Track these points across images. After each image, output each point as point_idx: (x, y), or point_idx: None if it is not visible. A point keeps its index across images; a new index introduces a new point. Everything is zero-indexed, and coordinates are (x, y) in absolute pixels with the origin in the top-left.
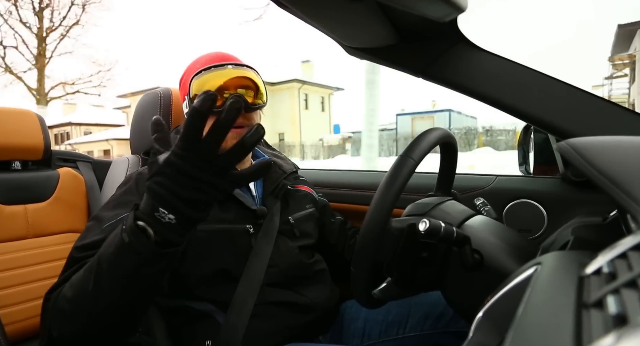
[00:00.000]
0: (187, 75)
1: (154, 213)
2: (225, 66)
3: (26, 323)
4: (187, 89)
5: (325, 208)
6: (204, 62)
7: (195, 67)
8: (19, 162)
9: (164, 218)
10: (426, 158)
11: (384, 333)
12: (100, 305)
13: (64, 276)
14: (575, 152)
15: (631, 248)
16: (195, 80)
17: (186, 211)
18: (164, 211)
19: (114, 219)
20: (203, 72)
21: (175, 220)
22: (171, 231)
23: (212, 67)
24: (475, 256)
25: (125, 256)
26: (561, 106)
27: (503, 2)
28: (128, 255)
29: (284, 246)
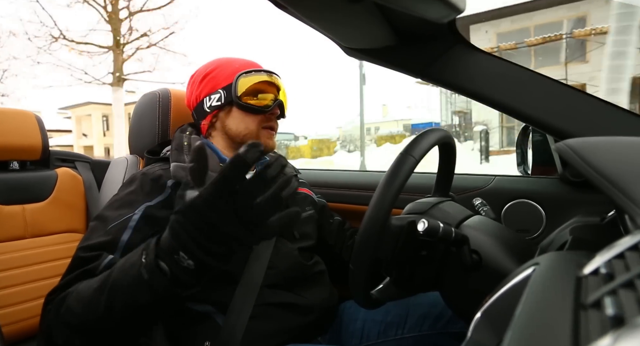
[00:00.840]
0: (221, 70)
1: (174, 255)
2: (272, 74)
3: (24, 324)
4: (220, 84)
5: (324, 208)
6: (244, 64)
7: (233, 65)
8: (17, 162)
9: (183, 262)
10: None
11: (383, 334)
12: (109, 326)
13: (67, 279)
14: (573, 152)
15: (629, 248)
16: (243, 77)
17: (207, 260)
18: (184, 256)
19: (118, 220)
20: (254, 72)
21: (194, 266)
22: (188, 275)
23: (262, 71)
24: (474, 257)
25: (141, 291)
26: (559, 106)
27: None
28: (144, 291)
29: (283, 248)
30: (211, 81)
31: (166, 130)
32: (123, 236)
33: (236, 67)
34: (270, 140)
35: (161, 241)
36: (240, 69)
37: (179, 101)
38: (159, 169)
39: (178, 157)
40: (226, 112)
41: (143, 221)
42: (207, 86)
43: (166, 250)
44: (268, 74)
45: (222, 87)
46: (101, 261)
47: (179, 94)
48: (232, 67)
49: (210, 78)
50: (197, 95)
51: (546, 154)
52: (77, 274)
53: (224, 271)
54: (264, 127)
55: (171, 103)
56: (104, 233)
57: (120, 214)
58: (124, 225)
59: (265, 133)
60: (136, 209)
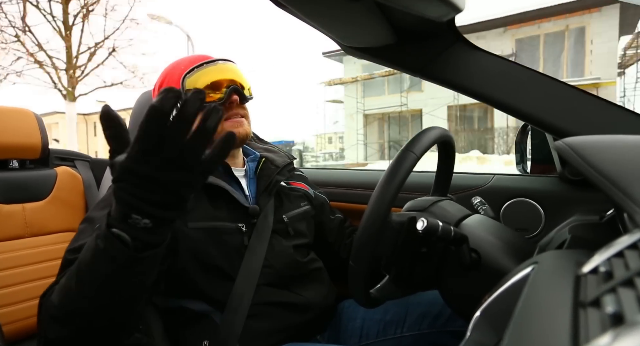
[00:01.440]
0: (169, 77)
1: (127, 219)
2: (216, 62)
3: (24, 323)
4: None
5: (324, 205)
6: (189, 63)
7: (179, 68)
8: (16, 161)
9: (139, 223)
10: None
11: (382, 333)
12: (85, 308)
13: (56, 280)
14: (573, 151)
15: (628, 246)
16: (188, 78)
17: (160, 213)
18: (137, 217)
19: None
20: (196, 69)
21: (151, 223)
22: (149, 234)
23: (203, 64)
24: (473, 255)
25: (101, 262)
26: (558, 105)
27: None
28: (103, 261)
29: (278, 245)
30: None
31: None
32: None
33: (181, 69)
34: (239, 127)
35: (112, 212)
36: (185, 69)
37: None
38: None
39: None
40: None
41: None
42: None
43: (119, 218)
44: (212, 63)
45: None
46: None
47: None
48: (178, 70)
49: (159, 85)
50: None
51: (545, 153)
52: (63, 275)
53: (217, 266)
54: (225, 119)
55: None
56: (90, 234)
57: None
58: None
59: (229, 124)
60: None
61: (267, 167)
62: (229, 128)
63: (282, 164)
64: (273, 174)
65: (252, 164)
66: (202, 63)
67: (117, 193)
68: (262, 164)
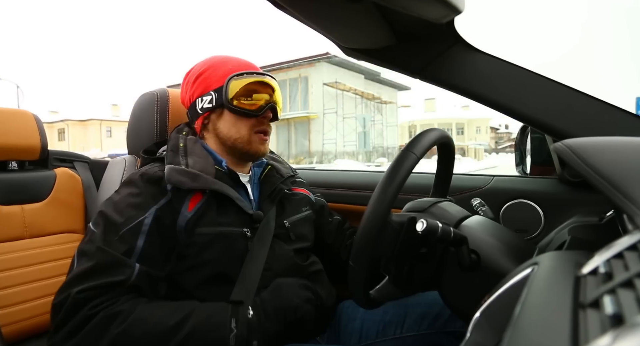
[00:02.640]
0: (213, 71)
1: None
2: (265, 76)
3: (24, 324)
4: (212, 85)
5: (323, 208)
6: (237, 65)
7: (226, 66)
8: (15, 162)
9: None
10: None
11: (382, 333)
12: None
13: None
14: (572, 152)
15: (627, 248)
16: (235, 80)
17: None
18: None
19: (130, 224)
20: (245, 75)
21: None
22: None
23: (254, 74)
24: (472, 256)
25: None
26: (558, 106)
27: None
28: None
29: (279, 249)
30: (203, 81)
31: (164, 130)
32: (138, 242)
33: (229, 68)
34: (262, 146)
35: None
36: (233, 70)
37: (177, 101)
38: (159, 170)
39: (173, 159)
40: (218, 114)
41: (155, 224)
42: (200, 87)
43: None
44: (261, 75)
45: (214, 89)
46: (131, 272)
47: (177, 94)
48: (225, 68)
49: (202, 79)
50: (190, 95)
51: (544, 154)
52: (108, 283)
53: (221, 272)
54: (256, 131)
55: (169, 103)
56: (119, 238)
57: (130, 216)
58: (137, 230)
59: (257, 138)
60: (146, 212)
61: (272, 175)
62: (256, 143)
63: (286, 175)
64: (277, 182)
65: (258, 169)
66: (252, 72)
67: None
68: (267, 171)
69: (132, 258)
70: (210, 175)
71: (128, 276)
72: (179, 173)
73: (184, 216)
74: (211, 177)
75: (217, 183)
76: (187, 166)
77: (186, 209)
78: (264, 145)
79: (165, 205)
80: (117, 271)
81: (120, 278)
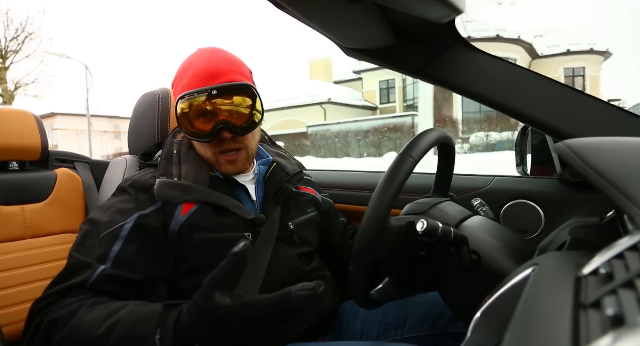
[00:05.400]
0: (177, 82)
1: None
2: (211, 91)
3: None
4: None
5: (330, 210)
6: (192, 77)
7: (183, 79)
8: (16, 162)
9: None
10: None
11: (382, 334)
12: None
13: (55, 290)
14: (573, 152)
15: (628, 248)
16: (181, 103)
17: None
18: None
19: (110, 228)
20: (187, 97)
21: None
22: None
23: (195, 93)
24: (473, 257)
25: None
26: (558, 107)
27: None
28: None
29: (282, 253)
30: (174, 93)
31: (165, 130)
32: (114, 247)
33: (184, 83)
34: (231, 165)
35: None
36: (186, 85)
37: None
38: (150, 178)
39: (166, 169)
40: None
41: (135, 230)
42: (174, 93)
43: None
44: (207, 95)
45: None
46: (91, 274)
47: None
48: (182, 82)
49: (174, 89)
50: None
51: (545, 155)
52: (65, 287)
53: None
54: (219, 152)
55: (171, 103)
56: (97, 242)
57: (112, 221)
58: (116, 234)
59: (222, 159)
60: (128, 217)
61: (277, 173)
62: (223, 164)
63: (292, 172)
64: (282, 180)
65: (263, 167)
66: (192, 92)
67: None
68: (272, 169)
69: (106, 261)
70: (204, 184)
71: (85, 279)
72: (170, 187)
73: (177, 221)
74: (205, 187)
75: (211, 194)
76: (180, 176)
77: (179, 214)
78: (233, 165)
79: (153, 212)
80: (77, 275)
81: (77, 280)
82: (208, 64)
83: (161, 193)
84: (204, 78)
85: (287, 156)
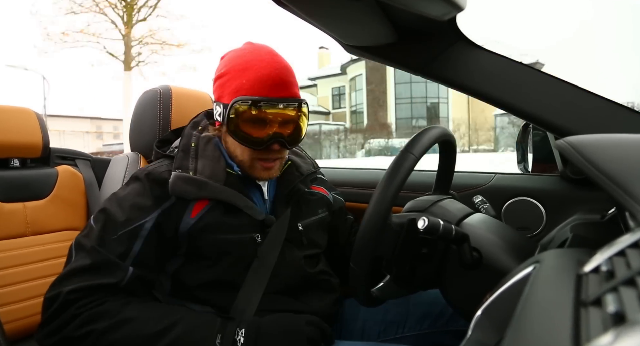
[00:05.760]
0: (228, 81)
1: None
2: (278, 104)
3: (25, 321)
4: (222, 97)
5: (341, 208)
6: (255, 79)
7: (242, 78)
8: (17, 160)
9: None
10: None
11: (383, 333)
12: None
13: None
14: (574, 150)
15: (629, 245)
16: (239, 105)
17: None
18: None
19: (129, 226)
20: (252, 102)
21: None
22: None
23: (263, 102)
24: (474, 254)
25: None
26: (560, 104)
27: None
28: None
29: (289, 255)
30: (218, 88)
31: (167, 128)
32: (135, 247)
33: (242, 82)
34: (265, 172)
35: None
36: (246, 86)
37: (180, 98)
38: (165, 171)
39: (182, 162)
40: (225, 129)
41: (154, 230)
42: (216, 92)
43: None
44: (273, 104)
45: (223, 103)
46: (123, 275)
47: (180, 91)
48: (239, 82)
49: (218, 84)
50: (213, 91)
51: (546, 152)
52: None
53: (228, 277)
54: (259, 159)
55: (172, 100)
56: (116, 238)
57: (130, 218)
58: (135, 233)
59: (259, 165)
60: (148, 216)
61: (290, 172)
62: (258, 169)
63: (306, 172)
64: (295, 180)
65: None
66: (262, 99)
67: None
68: (286, 168)
69: (127, 261)
70: (219, 181)
71: (120, 280)
72: (185, 181)
73: (186, 223)
74: (220, 183)
75: (225, 191)
76: (196, 171)
77: (189, 216)
78: (268, 172)
79: (168, 209)
80: (110, 273)
81: (113, 280)
82: (273, 71)
83: (176, 187)
84: (270, 86)
85: (302, 154)
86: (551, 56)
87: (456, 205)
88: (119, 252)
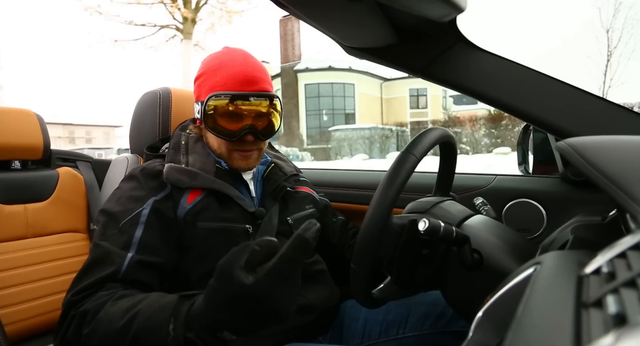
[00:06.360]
0: (205, 81)
1: (217, 333)
2: (249, 98)
3: (26, 323)
4: (200, 96)
5: (327, 208)
6: (226, 77)
7: (215, 77)
8: (18, 161)
9: (227, 337)
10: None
11: (384, 333)
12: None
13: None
14: (575, 151)
15: (630, 247)
16: (214, 100)
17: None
18: (228, 334)
19: (128, 215)
20: (223, 96)
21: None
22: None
23: (232, 95)
24: (475, 256)
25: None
26: (560, 105)
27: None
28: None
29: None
30: (197, 88)
31: (167, 129)
32: (136, 233)
33: (216, 80)
34: (243, 161)
35: (195, 315)
36: (219, 84)
37: (179, 100)
38: (159, 165)
39: (174, 157)
40: (203, 125)
41: (152, 215)
42: (195, 92)
43: (206, 327)
44: (242, 99)
45: (201, 101)
46: (121, 263)
47: (180, 93)
48: (213, 80)
49: (197, 84)
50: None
51: (547, 153)
52: (99, 279)
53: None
54: (236, 150)
55: (172, 102)
56: (118, 231)
57: (129, 209)
58: (135, 221)
59: (237, 156)
60: (144, 203)
61: (275, 172)
62: (237, 159)
63: (289, 173)
64: (280, 179)
65: (262, 167)
66: (230, 93)
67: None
68: (270, 168)
69: (130, 248)
70: (210, 173)
71: (118, 267)
72: (178, 171)
73: (183, 208)
74: (211, 175)
75: (217, 181)
76: (187, 164)
77: (185, 201)
78: (246, 161)
79: (164, 198)
80: (107, 264)
81: (110, 270)
82: (245, 68)
83: (170, 176)
84: (241, 82)
85: (284, 159)
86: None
87: (457, 207)
88: (122, 241)
